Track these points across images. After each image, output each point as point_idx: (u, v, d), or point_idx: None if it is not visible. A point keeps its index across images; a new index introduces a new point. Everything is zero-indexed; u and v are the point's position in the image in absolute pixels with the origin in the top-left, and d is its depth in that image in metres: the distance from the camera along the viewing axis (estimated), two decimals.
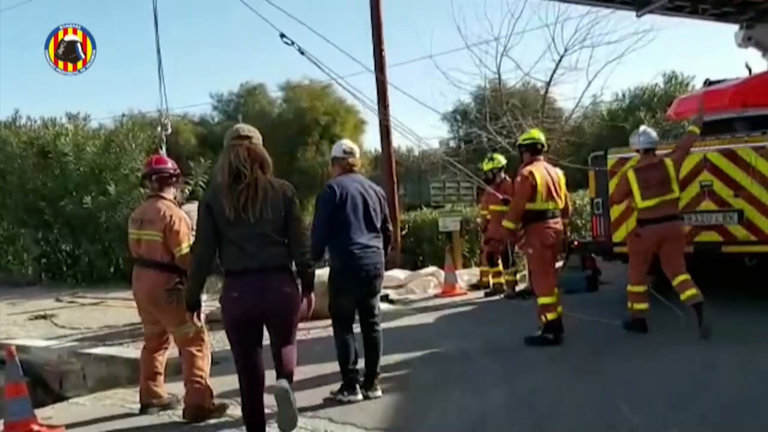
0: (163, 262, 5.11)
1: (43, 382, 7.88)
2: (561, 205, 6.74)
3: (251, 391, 3.96)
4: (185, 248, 5.02)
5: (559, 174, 6.84)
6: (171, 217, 5.08)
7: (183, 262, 4.98)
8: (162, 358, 5.48)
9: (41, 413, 5.22)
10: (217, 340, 7.24)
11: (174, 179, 5.37)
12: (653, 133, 7.01)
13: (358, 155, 5.52)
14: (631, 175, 6.70)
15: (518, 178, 6.73)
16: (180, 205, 5.47)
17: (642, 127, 7.25)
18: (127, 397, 5.80)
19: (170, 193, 5.32)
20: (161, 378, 5.43)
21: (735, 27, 9.52)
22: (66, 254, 15.17)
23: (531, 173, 6.51)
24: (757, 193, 7.26)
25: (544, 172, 6.60)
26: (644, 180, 6.59)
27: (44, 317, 10.27)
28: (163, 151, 7.65)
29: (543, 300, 6.51)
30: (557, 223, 6.63)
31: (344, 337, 5.22)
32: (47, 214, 14.71)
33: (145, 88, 52.63)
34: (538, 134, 7.03)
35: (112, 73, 49.52)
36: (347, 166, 5.41)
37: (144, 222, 5.19)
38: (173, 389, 5.55)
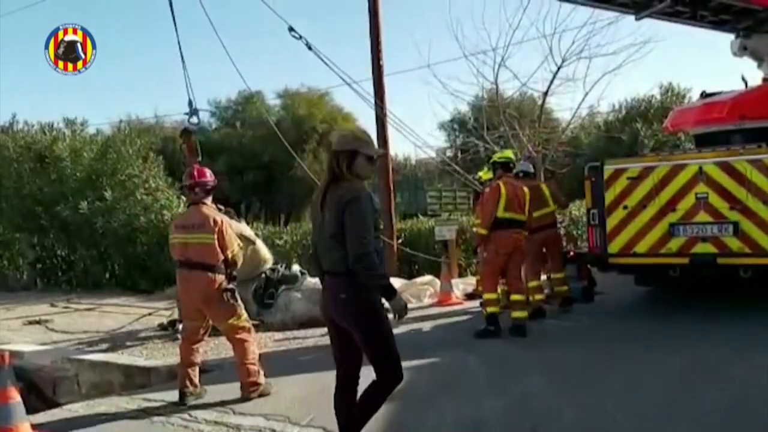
0: (214, 263, 5.62)
1: (37, 388, 7.84)
2: (523, 218, 7.62)
3: (335, 393, 3.96)
4: (237, 248, 5.76)
5: (525, 190, 7.78)
6: (222, 221, 5.72)
7: (235, 262, 5.73)
8: (200, 351, 5.94)
9: (34, 419, 5.20)
10: (212, 348, 7.25)
11: (213, 189, 5.99)
12: (530, 165, 9.44)
13: None
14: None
15: (487, 189, 7.90)
16: None
17: (522, 160, 9.61)
18: (121, 404, 5.78)
19: (210, 200, 5.93)
20: (197, 368, 5.84)
21: (731, 36, 9.57)
22: (61, 259, 15.13)
23: (499, 185, 7.59)
24: (752, 206, 7.28)
25: (510, 186, 7.62)
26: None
27: (38, 322, 10.24)
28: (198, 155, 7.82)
29: (487, 296, 7.57)
30: (517, 233, 7.54)
31: None
32: (43, 219, 14.68)
33: (142, 94, 52.67)
34: (510, 154, 8.37)
35: (110, 79, 49.60)
36: None
37: (193, 227, 5.72)
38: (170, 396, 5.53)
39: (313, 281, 8.90)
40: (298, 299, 8.92)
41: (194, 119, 7.84)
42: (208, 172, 6.03)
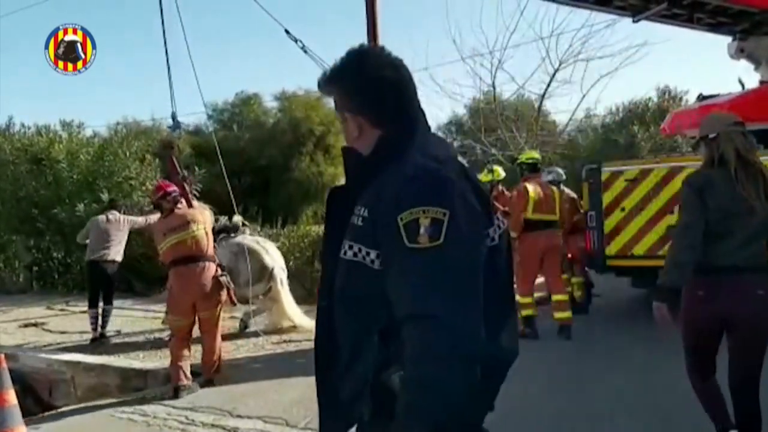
0: (208, 253, 6.22)
1: (33, 391, 7.81)
2: (553, 218, 7.64)
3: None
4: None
5: (554, 190, 7.90)
6: (204, 214, 6.51)
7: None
8: (189, 347, 6.26)
9: (30, 422, 5.18)
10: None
11: (179, 196, 6.49)
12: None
13: None
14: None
15: (515, 192, 7.89)
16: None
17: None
18: (118, 407, 5.75)
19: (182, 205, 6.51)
20: (188, 362, 6.19)
21: (728, 39, 9.60)
22: (58, 262, 15.07)
23: (525, 187, 7.56)
24: None
25: (538, 187, 7.54)
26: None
27: (35, 325, 10.20)
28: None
29: (522, 300, 7.49)
30: (548, 233, 7.54)
31: None
32: (39, 221, 14.63)
33: (139, 97, 52.54)
34: (537, 155, 8.44)
35: (107, 81, 49.51)
36: None
37: (180, 226, 6.17)
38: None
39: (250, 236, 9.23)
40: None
41: (176, 132, 7.97)
42: (169, 185, 6.64)
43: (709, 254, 3.36)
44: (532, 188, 7.55)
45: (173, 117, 7.76)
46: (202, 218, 6.35)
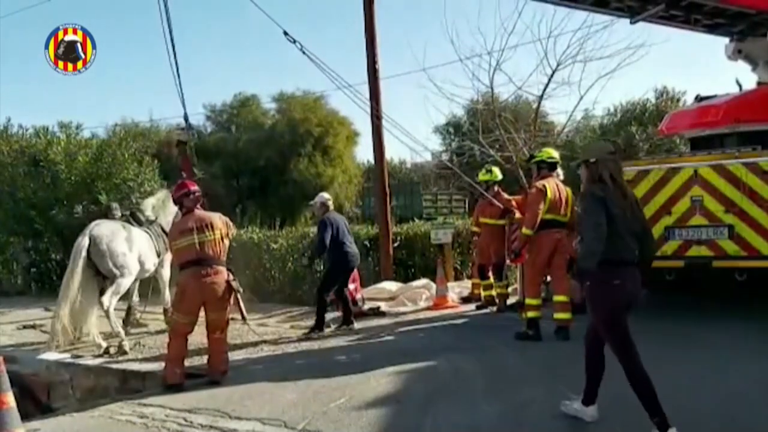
0: (223, 258, 6.38)
1: (31, 393, 7.79)
2: (564, 219, 7.49)
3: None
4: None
5: (568, 191, 7.66)
6: (225, 220, 6.57)
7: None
8: (186, 347, 6.45)
9: (28, 425, 5.17)
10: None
11: (200, 197, 6.71)
12: None
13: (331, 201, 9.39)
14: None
15: (532, 190, 7.71)
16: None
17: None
18: (116, 409, 5.74)
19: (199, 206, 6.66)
20: (183, 362, 6.44)
21: (725, 40, 9.61)
22: (56, 264, 15.05)
23: (544, 186, 7.49)
24: (747, 209, 7.30)
25: (554, 187, 7.55)
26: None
27: (33, 327, 10.18)
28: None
29: (529, 301, 7.56)
30: (558, 233, 7.40)
31: (323, 300, 8.58)
32: (37, 223, 14.60)
33: (138, 98, 52.51)
34: (556, 153, 8.12)
35: (106, 82, 49.49)
36: (332, 207, 9.15)
37: (202, 228, 6.30)
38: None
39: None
40: None
41: (189, 133, 8.08)
42: (193, 184, 6.75)
43: (617, 250, 4.26)
44: (549, 188, 7.47)
45: (186, 119, 7.94)
46: (220, 223, 6.44)
